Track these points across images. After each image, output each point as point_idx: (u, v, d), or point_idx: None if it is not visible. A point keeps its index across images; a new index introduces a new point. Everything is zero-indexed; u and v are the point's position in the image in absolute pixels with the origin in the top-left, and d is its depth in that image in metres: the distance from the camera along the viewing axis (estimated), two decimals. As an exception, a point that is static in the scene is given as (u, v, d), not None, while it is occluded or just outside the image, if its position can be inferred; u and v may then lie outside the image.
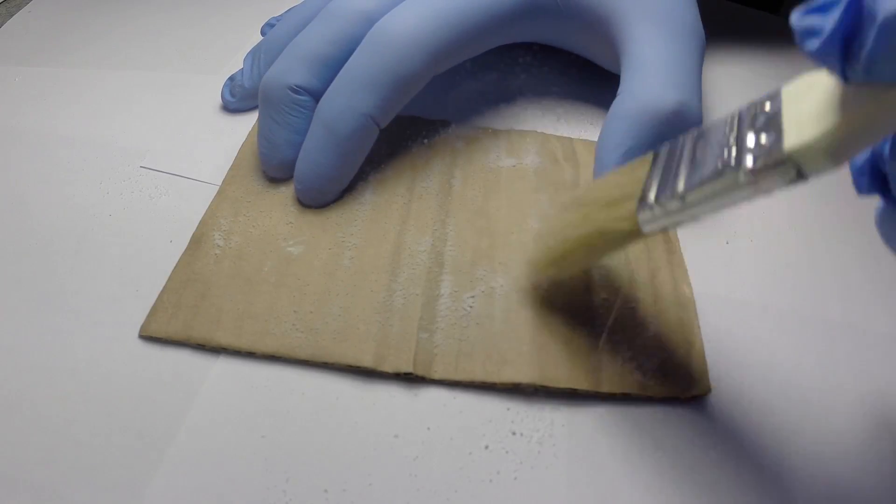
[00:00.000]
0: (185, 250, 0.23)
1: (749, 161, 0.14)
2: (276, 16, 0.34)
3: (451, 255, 0.23)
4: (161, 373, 0.20)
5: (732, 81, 0.34)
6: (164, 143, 0.28)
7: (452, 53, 0.25)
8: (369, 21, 0.25)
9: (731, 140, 0.15)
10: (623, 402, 0.20)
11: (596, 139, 0.29)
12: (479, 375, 0.20)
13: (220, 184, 0.26)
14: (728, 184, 0.14)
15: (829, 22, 0.12)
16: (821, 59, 0.12)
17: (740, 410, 0.20)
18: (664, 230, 0.16)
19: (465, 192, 0.26)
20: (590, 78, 0.32)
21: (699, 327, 0.22)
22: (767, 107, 0.14)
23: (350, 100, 0.24)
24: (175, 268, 0.23)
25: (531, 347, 0.21)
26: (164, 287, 0.22)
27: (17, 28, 0.35)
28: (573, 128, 0.30)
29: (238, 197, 0.25)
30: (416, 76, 0.25)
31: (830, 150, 0.13)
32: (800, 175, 0.13)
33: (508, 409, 0.20)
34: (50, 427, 0.19)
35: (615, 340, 0.21)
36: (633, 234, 0.17)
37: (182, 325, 0.21)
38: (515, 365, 0.20)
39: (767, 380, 0.21)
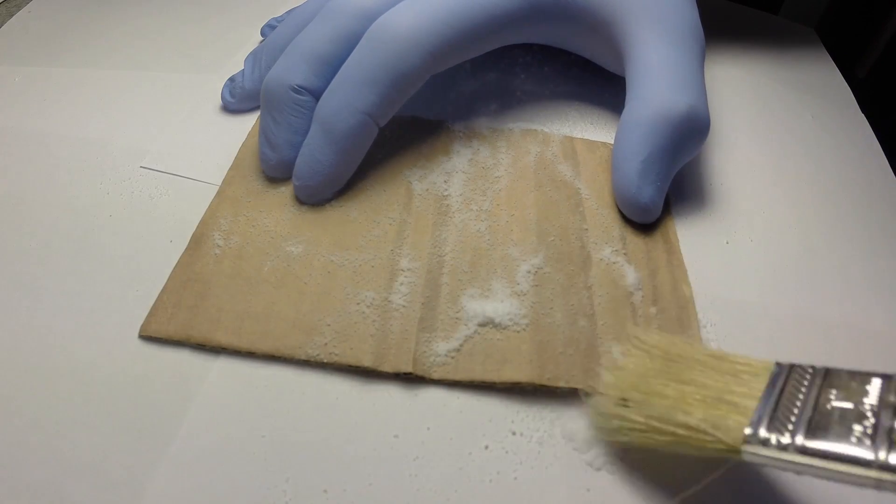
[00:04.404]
0: (185, 250, 0.23)
1: (893, 458, 0.12)
2: (276, 17, 0.34)
3: (451, 255, 0.23)
4: (161, 373, 0.20)
5: (732, 82, 0.34)
6: (164, 143, 0.28)
7: (452, 52, 0.25)
8: (369, 19, 0.25)
9: (870, 412, 0.13)
10: (623, 402, 0.20)
11: (595, 138, 0.29)
12: (479, 375, 0.20)
13: (220, 184, 0.26)
14: (856, 466, 0.13)
15: None
16: None
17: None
18: (760, 464, 0.15)
19: (464, 192, 0.26)
20: (589, 78, 0.32)
21: (699, 327, 0.22)
22: None
23: (348, 97, 0.24)
24: (175, 268, 0.23)
25: (531, 347, 0.21)
26: (164, 287, 0.22)
27: (17, 28, 0.35)
28: (573, 127, 0.30)
29: (238, 197, 0.25)
30: (415, 74, 0.24)
31: None
32: None
33: (508, 409, 0.20)
34: (50, 427, 0.19)
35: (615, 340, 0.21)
36: (729, 450, 0.15)
37: (182, 325, 0.21)
38: (515, 364, 0.20)
39: (767, 380, 0.21)
